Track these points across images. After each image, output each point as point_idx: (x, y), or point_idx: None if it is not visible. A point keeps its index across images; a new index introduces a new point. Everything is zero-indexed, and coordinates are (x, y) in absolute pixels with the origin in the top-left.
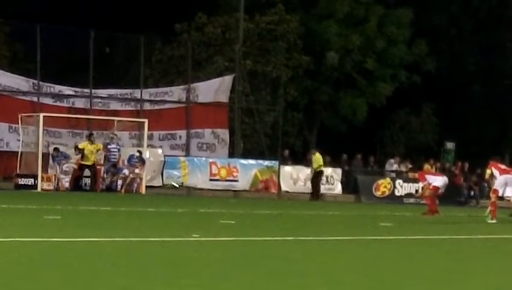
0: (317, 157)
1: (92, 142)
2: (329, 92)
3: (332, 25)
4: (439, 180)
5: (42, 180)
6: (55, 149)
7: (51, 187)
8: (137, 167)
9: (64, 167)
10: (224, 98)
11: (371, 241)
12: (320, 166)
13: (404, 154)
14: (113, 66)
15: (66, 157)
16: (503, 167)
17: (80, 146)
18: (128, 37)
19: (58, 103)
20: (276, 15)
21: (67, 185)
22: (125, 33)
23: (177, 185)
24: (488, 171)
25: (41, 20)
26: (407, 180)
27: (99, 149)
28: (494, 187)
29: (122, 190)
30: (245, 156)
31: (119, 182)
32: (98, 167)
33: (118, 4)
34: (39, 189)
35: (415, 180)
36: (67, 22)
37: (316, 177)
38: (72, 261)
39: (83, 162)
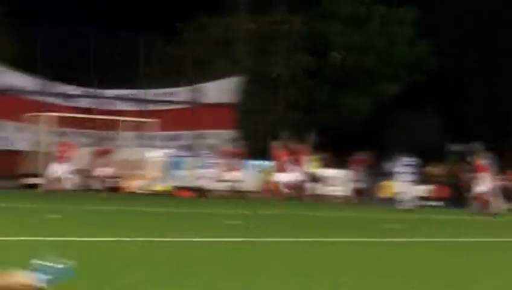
0: None
1: None
2: (330, 91)
3: (334, 25)
4: None
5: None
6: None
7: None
8: None
9: None
10: (228, 99)
11: (374, 243)
12: None
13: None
14: (119, 66)
15: None
16: None
17: None
18: (132, 37)
19: (63, 103)
20: (278, 15)
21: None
22: (128, 32)
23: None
24: None
25: (47, 19)
26: None
27: None
28: None
29: None
30: (249, 156)
31: None
32: None
33: (121, 3)
34: (43, 188)
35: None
36: (73, 21)
37: None
38: (75, 261)
39: None
